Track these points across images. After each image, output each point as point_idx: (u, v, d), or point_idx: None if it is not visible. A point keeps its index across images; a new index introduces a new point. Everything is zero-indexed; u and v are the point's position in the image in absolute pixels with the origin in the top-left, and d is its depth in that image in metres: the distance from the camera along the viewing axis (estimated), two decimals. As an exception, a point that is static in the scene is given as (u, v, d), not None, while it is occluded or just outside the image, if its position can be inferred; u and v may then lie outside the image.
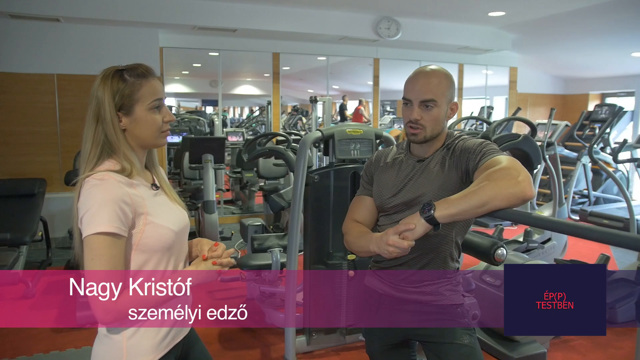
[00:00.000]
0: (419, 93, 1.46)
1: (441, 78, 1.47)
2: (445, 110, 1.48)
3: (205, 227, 4.87)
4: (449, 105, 1.49)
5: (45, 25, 5.31)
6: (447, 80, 1.48)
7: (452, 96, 1.49)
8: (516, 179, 1.22)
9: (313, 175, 2.94)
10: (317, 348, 3.08)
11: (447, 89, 1.47)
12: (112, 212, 1.17)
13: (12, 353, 3.04)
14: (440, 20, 6.50)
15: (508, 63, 8.05)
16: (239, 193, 7.45)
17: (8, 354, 3.02)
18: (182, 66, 8.78)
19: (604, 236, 0.97)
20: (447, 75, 1.49)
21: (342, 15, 6.13)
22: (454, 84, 1.50)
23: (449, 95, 1.48)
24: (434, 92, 1.45)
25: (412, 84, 1.47)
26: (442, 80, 1.47)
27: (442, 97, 1.46)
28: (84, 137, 1.27)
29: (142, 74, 1.27)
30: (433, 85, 1.45)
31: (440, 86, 1.46)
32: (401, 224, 1.29)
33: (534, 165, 2.89)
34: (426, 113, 1.46)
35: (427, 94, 1.45)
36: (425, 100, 1.45)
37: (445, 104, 1.47)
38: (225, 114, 10.89)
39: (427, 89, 1.45)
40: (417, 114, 1.46)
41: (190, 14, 5.51)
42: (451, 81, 1.49)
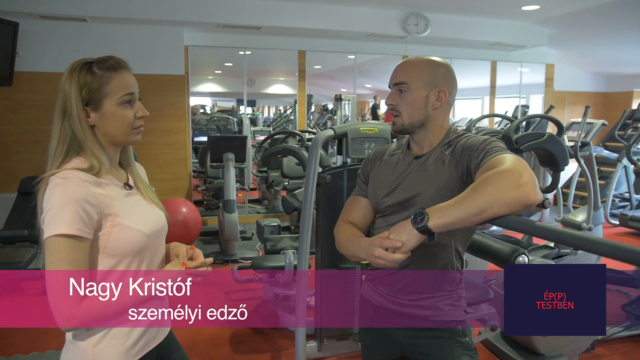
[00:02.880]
0: (393, 77, 1.39)
1: (421, 63, 1.37)
2: (423, 96, 1.36)
3: (225, 226, 4.83)
4: (432, 91, 1.36)
5: (72, 25, 5.41)
6: (430, 65, 1.37)
7: (439, 83, 1.36)
8: (517, 181, 1.08)
9: (325, 175, 2.83)
10: (328, 354, 2.97)
11: (426, 72, 1.35)
12: (73, 213, 1.10)
13: (26, 349, 3.06)
14: (471, 16, 6.27)
15: (544, 60, 7.71)
16: (265, 192, 7.42)
17: (21, 350, 3.05)
18: (214, 65, 8.83)
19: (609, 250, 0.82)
20: (432, 62, 1.38)
21: (368, 11, 5.99)
22: (445, 71, 1.38)
23: (429, 80, 1.35)
24: (406, 75, 1.36)
25: (393, 72, 1.41)
26: (421, 65, 1.37)
27: (417, 80, 1.35)
28: (51, 133, 1.21)
29: (112, 66, 1.19)
30: (407, 69, 1.37)
31: (415, 70, 1.36)
32: (388, 239, 1.16)
33: (559, 167, 2.69)
34: (400, 97, 1.37)
35: (399, 76, 1.37)
36: (397, 84, 1.38)
37: (422, 88, 1.35)
38: (257, 113, 10.92)
39: (401, 73, 1.38)
40: (390, 99, 1.39)
41: (215, 11, 5.50)
42: (437, 67, 1.37)
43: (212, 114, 10.06)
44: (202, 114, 9.83)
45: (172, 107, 5.93)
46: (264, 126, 9.25)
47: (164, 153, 5.95)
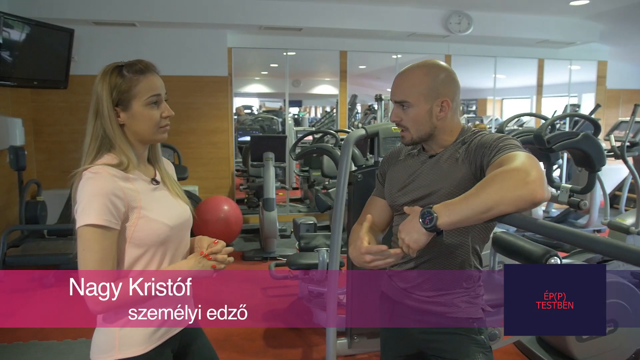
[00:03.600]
0: (393, 94, 1.40)
1: (417, 76, 1.36)
2: (426, 110, 1.35)
3: (264, 224, 4.94)
4: (435, 102, 1.35)
5: (123, 30, 5.68)
6: (427, 76, 1.35)
7: (439, 93, 1.35)
8: (524, 179, 1.08)
9: (356, 174, 2.86)
10: (358, 352, 3.00)
11: (424, 86, 1.34)
12: (102, 205, 1.19)
13: (75, 335, 3.25)
14: (516, 13, 6.11)
15: (596, 57, 7.38)
16: (307, 192, 7.50)
17: (71, 336, 3.25)
18: (260, 66, 9.01)
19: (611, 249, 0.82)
20: (429, 71, 1.36)
21: (409, 10, 5.95)
22: (443, 78, 1.35)
23: (428, 92, 1.34)
24: (405, 93, 1.35)
25: (392, 85, 1.42)
26: (417, 78, 1.35)
27: (416, 95, 1.34)
28: (85, 132, 1.30)
29: (140, 69, 1.28)
30: (405, 86, 1.36)
31: (412, 85, 1.35)
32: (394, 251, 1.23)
33: (595, 167, 2.60)
34: (404, 114, 1.37)
35: (398, 94, 1.37)
36: (398, 102, 1.38)
37: (423, 102, 1.34)
38: (303, 113, 11.05)
39: (399, 90, 1.37)
40: (395, 115, 1.40)
41: (256, 14, 5.63)
42: (434, 77, 1.35)
43: (257, 114, 10.27)
44: (246, 115, 10.05)
45: (216, 108, 6.11)
46: (309, 126, 9.34)
47: (208, 152, 6.14)
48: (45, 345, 3.11)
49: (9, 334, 3.27)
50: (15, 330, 3.34)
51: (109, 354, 1.25)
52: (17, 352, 3.04)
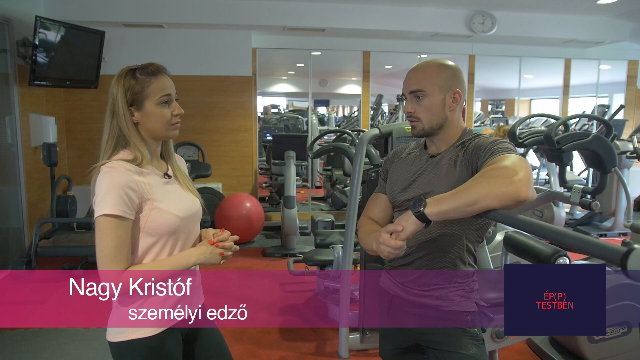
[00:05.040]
0: (407, 85, 1.45)
1: (432, 68, 1.43)
2: (440, 99, 1.42)
3: (284, 221, 5.04)
4: (448, 94, 1.42)
5: (151, 31, 5.87)
6: (440, 69, 1.43)
7: (452, 85, 1.42)
8: (511, 178, 1.14)
9: (370, 173, 2.92)
10: (370, 347, 3.06)
11: (440, 77, 1.42)
12: (117, 197, 1.29)
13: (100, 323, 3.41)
14: (541, 12, 6.04)
15: (626, 56, 7.21)
16: (329, 190, 7.58)
17: (97, 324, 3.40)
18: (287, 66, 9.12)
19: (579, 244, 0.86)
20: (442, 65, 1.44)
21: (432, 11, 5.96)
22: (454, 73, 1.43)
23: (443, 83, 1.41)
24: (421, 83, 1.42)
25: (405, 79, 1.47)
26: (432, 70, 1.43)
27: (432, 86, 1.41)
28: (103, 130, 1.41)
29: (152, 72, 1.38)
30: (420, 76, 1.43)
31: (429, 76, 1.42)
32: (392, 224, 1.26)
33: (607, 168, 2.58)
34: (418, 104, 1.44)
35: (413, 84, 1.44)
36: (413, 91, 1.44)
37: (437, 92, 1.42)
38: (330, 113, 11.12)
39: (414, 80, 1.44)
40: (409, 107, 1.45)
41: (280, 15, 5.73)
42: (447, 70, 1.43)
43: (283, 113, 10.40)
44: (273, 114, 10.19)
45: (240, 107, 6.24)
46: (335, 126, 9.42)
47: (231, 150, 6.27)
48: (72, 332, 3.28)
49: (39, 320, 3.45)
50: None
51: (123, 335, 1.36)
52: (46, 337, 3.22)
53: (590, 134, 2.54)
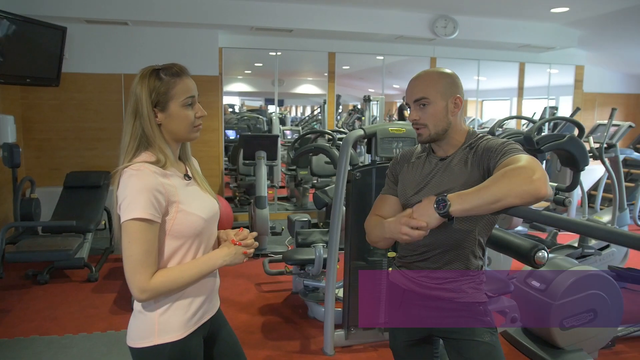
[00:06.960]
0: (411, 94, 1.52)
1: (433, 76, 1.51)
2: (443, 106, 1.50)
3: (256, 221, 5.03)
4: (450, 100, 1.50)
5: (114, 28, 5.70)
6: (441, 77, 1.51)
7: (453, 91, 1.51)
8: (531, 177, 1.22)
9: (355, 173, 2.99)
10: (355, 343, 3.13)
11: (441, 85, 1.50)
12: (146, 200, 1.27)
13: (75, 330, 3.31)
14: (499, 18, 6.32)
15: (574, 61, 7.68)
16: (293, 190, 7.60)
17: (72, 331, 3.30)
18: (244, 65, 9.05)
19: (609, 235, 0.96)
20: (442, 73, 1.52)
21: (397, 14, 6.11)
22: (453, 80, 1.52)
23: (445, 90, 1.49)
24: (424, 90, 1.49)
25: (408, 89, 1.54)
26: (433, 78, 1.51)
27: (435, 93, 1.49)
28: (123, 131, 1.38)
29: (176, 72, 1.38)
30: (423, 85, 1.50)
31: (431, 84, 1.50)
32: (414, 219, 1.31)
33: (579, 167, 2.78)
34: (423, 111, 1.51)
35: (417, 93, 1.51)
36: (418, 100, 1.51)
37: (440, 99, 1.49)
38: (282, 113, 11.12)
39: (417, 89, 1.51)
40: (414, 115, 1.52)
41: (248, 15, 5.70)
42: (447, 77, 1.51)
43: (241, 113, 10.32)
44: (231, 113, 10.10)
45: (207, 107, 5.98)
46: (292, 125, 9.43)
47: (199, 151, 6.18)
48: (46, 340, 3.16)
49: (9, 330, 3.31)
50: (16, 325, 3.38)
51: (149, 340, 1.34)
52: (19, 347, 3.08)
53: (565, 135, 2.72)
